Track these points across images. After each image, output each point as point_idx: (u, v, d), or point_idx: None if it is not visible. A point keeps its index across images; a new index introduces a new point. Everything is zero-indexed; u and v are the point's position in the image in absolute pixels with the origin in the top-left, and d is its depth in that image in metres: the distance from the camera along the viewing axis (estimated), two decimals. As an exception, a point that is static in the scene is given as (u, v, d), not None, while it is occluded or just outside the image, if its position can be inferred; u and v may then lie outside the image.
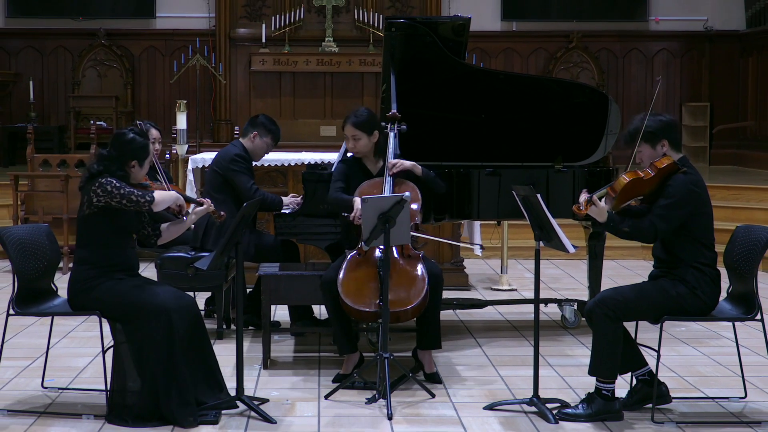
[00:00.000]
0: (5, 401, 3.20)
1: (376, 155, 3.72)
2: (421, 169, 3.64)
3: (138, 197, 3.05)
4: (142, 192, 3.07)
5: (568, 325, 4.41)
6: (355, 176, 3.67)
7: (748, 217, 6.19)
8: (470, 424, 3.04)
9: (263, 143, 4.26)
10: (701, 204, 3.07)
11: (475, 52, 8.89)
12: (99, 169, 3.08)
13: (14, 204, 5.89)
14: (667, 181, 3.05)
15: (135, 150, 3.12)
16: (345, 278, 3.38)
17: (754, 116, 8.91)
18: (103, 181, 3.03)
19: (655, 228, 3.03)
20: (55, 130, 8.80)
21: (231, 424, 3.01)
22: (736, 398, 3.31)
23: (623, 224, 3.05)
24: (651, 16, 9.21)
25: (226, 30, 8.87)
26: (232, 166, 4.14)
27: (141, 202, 3.05)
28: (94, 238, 3.08)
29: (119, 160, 3.10)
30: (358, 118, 3.68)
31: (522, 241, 6.04)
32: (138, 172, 3.15)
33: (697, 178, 3.09)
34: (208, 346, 3.15)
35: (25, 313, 3.17)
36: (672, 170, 3.06)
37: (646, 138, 3.08)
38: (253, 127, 4.26)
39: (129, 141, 3.12)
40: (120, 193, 3.02)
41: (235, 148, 4.23)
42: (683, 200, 3.02)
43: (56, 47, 9.12)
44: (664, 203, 3.03)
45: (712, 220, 3.13)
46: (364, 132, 3.65)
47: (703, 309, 3.07)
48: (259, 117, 4.33)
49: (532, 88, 4.37)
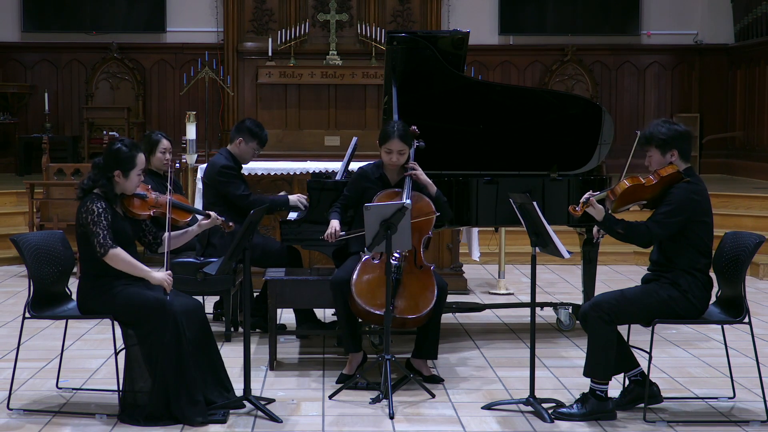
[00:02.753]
0: (22, 401, 3.27)
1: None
2: (435, 190, 3.65)
3: (97, 240, 3.07)
4: (104, 240, 3.07)
5: (564, 328, 4.46)
6: (374, 184, 3.68)
7: (736, 224, 6.26)
8: (469, 423, 3.09)
9: (249, 148, 4.24)
10: (701, 213, 3.10)
11: (474, 64, 9.04)
12: (89, 185, 3.14)
13: (30, 211, 5.95)
14: (669, 189, 3.10)
15: (119, 161, 3.14)
16: (359, 280, 3.44)
17: (742, 127, 8.98)
18: (89, 204, 3.10)
19: (650, 232, 3.07)
20: (70, 140, 8.90)
21: (239, 423, 3.06)
22: (725, 398, 3.35)
23: (618, 225, 3.09)
24: (643, 30, 9.32)
25: (234, 44, 8.97)
26: (220, 177, 4.15)
27: (96, 246, 3.07)
28: (92, 253, 3.12)
29: (105, 170, 3.16)
30: (402, 132, 3.59)
31: (519, 247, 6.09)
32: (125, 183, 3.17)
33: (699, 187, 3.13)
34: (215, 348, 3.21)
35: (41, 316, 3.23)
36: (675, 179, 3.10)
37: (658, 144, 3.12)
38: (238, 133, 4.25)
39: (114, 152, 3.16)
40: (94, 222, 3.08)
41: (220, 158, 4.22)
42: (681, 208, 3.06)
43: (70, 60, 9.25)
44: (663, 210, 3.08)
45: (711, 229, 3.15)
46: (408, 145, 3.64)
47: (693, 312, 3.12)
48: (245, 122, 4.31)
49: (529, 99, 4.42)
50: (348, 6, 9.03)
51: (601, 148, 4.33)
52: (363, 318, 3.51)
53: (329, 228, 3.58)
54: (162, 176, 4.39)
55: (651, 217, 3.11)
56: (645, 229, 3.09)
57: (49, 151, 6.23)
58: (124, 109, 8.87)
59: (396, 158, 3.65)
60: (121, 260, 3.11)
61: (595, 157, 4.35)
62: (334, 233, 3.56)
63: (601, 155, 4.35)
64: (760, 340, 4.02)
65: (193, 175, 5.68)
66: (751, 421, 3.12)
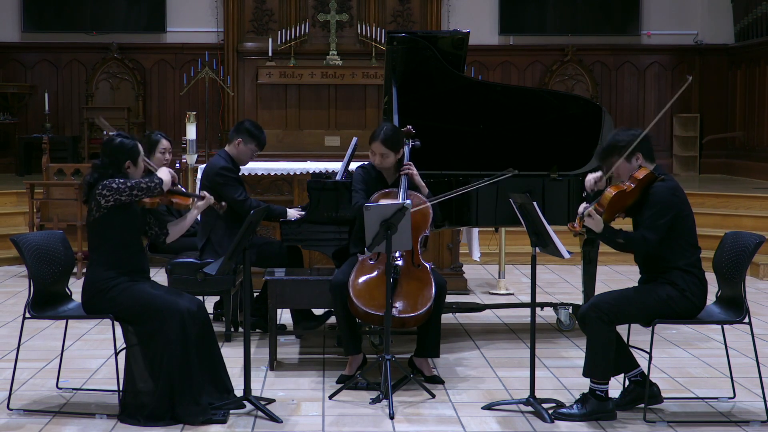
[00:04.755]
0: (22, 401, 3.27)
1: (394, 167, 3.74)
2: (427, 192, 3.67)
3: (147, 183, 3.15)
4: (149, 177, 3.18)
5: (564, 328, 4.47)
6: (372, 184, 3.70)
7: (736, 224, 6.26)
8: (469, 423, 3.10)
9: (248, 149, 4.24)
10: (683, 207, 3.14)
11: (474, 65, 9.06)
12: (96, 177, 3.16)
13: (30, 211, 5.96)
14: (648, 191, 3.12)
15: (127, 151, 3.20)
16: (356, 281, 3.45)
17: (742, 127, 9.00)
18: (106, 183, 3.12)
19: (645, 239, 3.08)
20: (70, 140, 8.92)
21: (239, 423, 3.06)
22: (725, 398, 3.36)
23: (618, 236, 3.11)
24: (643, 30, 9.34)
25: (234, 44, 8.99)
26: (218, 179, 4.15)
27: (152, 186, 3.16)
28: (105, 239, 3.15)
29: (114, 165, 3.18)
30: (387, 136, 3.63)
31: (519, 247, 6.09)
32: (134, 172, 3.23)
33: (674, 183, 3.16)
34: (216, 348, 3.22)
35: (41, 316, 3.24)
36: (651, 179, 3.13)
37: (620, 152, 3.13)
38: (237, 134, 4.24)
39: (119, 145, 3.20)
40: (128, 185, 3.12)
41: (219, 160, 4.22)
42: (666, 207, 3.09)
43: (70, 60, 9.27)
44: (650, 213, 3.09)
45: (694, 221, 3.19)
46: (392, 150, 3.65)
47: (692, 310, 3.13)
48: (245, 123, 4.30)
49: (529, 99, 4.42)
50: (348, 6, 9.05)
51: (602, 148, 4.34)
52: (362, 319, 3.52)
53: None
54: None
55: (641, 224, 3.12)
56: (641, 237, 3.10)
57: (49, 151, 6.24)
58: (124, 109, 8.90)
59: (378, 160, 3.68)
60: (165, 171, 3.28)
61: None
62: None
63: (602, 155, 4.36)
64: (760, 340, 4.02)
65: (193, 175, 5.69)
66: (751, 421, 3.13)
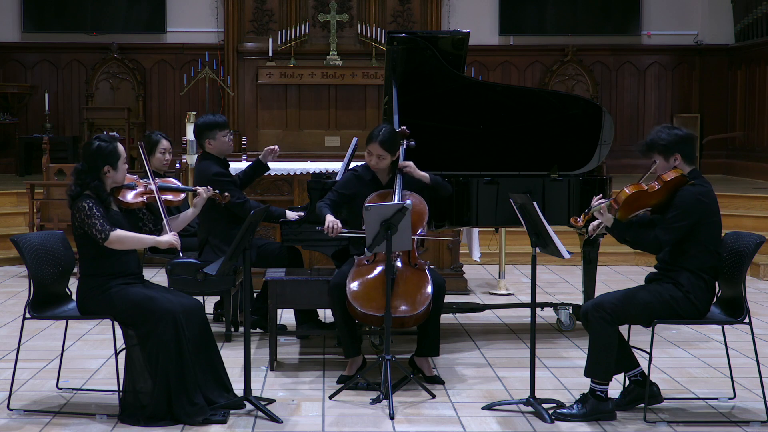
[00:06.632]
0: (22, 401, 3.28)
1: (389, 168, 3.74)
2: (429, 178, 3.70)
3: (95, 230, 3.10)
4: (102, 227, 3.10)
5: (564, 328, 4.47)
6: (365, 186, 3.69)
7: (736, 224, 6.26)
8: (469, 424, 3.10)
9: (219, 140, 4.20)
10: (710, 213, 3.11)
11: (474, 65, 9.06)
12: (77, 191, 3.16)
13: (30, 212, 5.97)
14: (676, 193, 3.11)
15: (105, 156, 3.18)
16: (353, 283, 3.45)
17: (742, 127, 9.01)
18: (80, 206, 3.13)
19: (658, 240, 3.09)
20: (70, 140, 8.93)
21: (239, 424, 3.07)
22: (725, 398, 3.36)
23: (627, 233, 3.12)
24: (643, 30, 9.34)
25: (234, 44, 8.99)
26: (213, 186, 4.13)
27: (96, 237, 3.10)
28: (90, 250, 3.15)
29: (92, 171, 3.17)
30: (385, 138, 3.62)
31: (519, 248, 6.09)
32: (115, 176, 3.20)
33: (706, 189, 3.14)
34: (215, 348, 3.22)
35: (41, 316, 3.24)
36: (680, 183, 3.11)
37: (659, 150, 3.14)
38: (201, 137, 4.21)
39: (96, 149, 3.18)
40: (87, 223, 3.11)
41: (210, 166, 4.18)
42: (688, 211, 3.07)
43: (71, 61, 9.27)
44: (670, 216, 3.09)
45: (720, 229, 3.17)
46: (389, 152, 3.65)
47: (695, 314, 3.13)
48: (198, 124, 4.25)
49: (529, 99, 4.43)
50: (348, 6, 9.05)
51: (602, 148, 4.34)
52: (361, 320, 3.52)
53: (327, 222, 3.52)
54: (162, 177, 4.38)
55: (660, 224, 3.12)
56: (653, 237, 3.10)
57: (49, 151, 6.27)
58: (125, 109, 8.89)
59: (375, 161, 3.67)
60: (124, 238, 3.15)
61: (596, 157, 4.37)
62: (336, 227, 3.50)
63: (602, 155, 4.37)
64: (761, 341, 4.03)
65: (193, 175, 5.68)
66: (752, 421, 3.14)
